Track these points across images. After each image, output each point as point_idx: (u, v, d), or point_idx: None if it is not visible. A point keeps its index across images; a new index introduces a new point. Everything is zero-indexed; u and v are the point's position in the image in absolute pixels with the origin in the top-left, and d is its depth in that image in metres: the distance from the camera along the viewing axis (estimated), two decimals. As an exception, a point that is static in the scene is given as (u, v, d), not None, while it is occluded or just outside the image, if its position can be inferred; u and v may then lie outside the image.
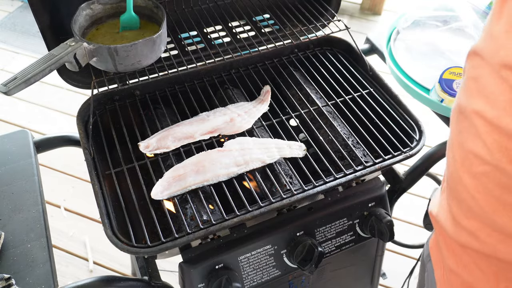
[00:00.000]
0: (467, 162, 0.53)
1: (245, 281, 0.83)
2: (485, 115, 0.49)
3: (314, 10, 1.09)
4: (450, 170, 0.59)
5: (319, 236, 0.87)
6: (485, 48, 0.51)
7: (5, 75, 2.41)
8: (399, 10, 3.08)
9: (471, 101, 0.52)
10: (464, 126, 0.54)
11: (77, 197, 1.90)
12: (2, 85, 0.70)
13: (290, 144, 0.88)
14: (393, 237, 0.86)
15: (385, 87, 0.99)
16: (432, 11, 1.22)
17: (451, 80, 1.01)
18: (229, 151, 0.84)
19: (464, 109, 0.54)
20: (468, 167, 0.53)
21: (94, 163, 0.82)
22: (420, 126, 0.90)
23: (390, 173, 1.07)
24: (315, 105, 0.97)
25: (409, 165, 1.09)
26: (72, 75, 0.95)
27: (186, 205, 0.79)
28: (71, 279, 1.64)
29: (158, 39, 0.84)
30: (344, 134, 0.91)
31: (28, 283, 0.73)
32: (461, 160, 0.54)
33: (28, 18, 2.82)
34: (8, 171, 0.89)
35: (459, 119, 0.55)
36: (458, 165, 0.55)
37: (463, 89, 0.55)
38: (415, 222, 1.87)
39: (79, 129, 0.87)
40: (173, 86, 0.99)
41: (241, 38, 1.04)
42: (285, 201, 0.77)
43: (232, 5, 1.07)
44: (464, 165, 0.54)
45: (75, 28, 0.83)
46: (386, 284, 1.68)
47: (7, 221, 0.81)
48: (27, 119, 2.22)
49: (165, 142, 0.86)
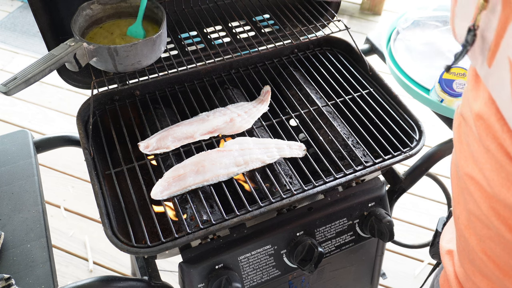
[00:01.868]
0: (471, 224, 0.50)
1: (245, 281, 0.83)
2: (479, 182, 0.46)
3: (314, 10, 1.09)
4: (457, 227, 0.55)
5: (319, 236, 0.87)
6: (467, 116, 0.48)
7: (5, 75, 2.41)
8: (399, 10, 3.08)
9: (464, 164, 0.49)
10: (463, 187, 0.51)
11: (77, 197, 1.90)
12: (2, 85, 0.70)
13: (290, 144, 0.88)
14: (393, 237, 0.85)
15: (385, 87, 0.99)
16: (432, 11, 1.22)
17: (451, 80, 1.01)
18: (229, 151, 0.84)
19: (460, 170, 0.50)
20: (473, 229, 0.50)
21: (94, 163, 0.82)
22: (420, 126, 0.90)
23: (390, 173, 1.08)
24: (315, 105, 0.97)
25: (409, 165, 1.09)
26: (72, 75, 0.95)
27: (186, 205, 0.79)
28: (71, 279, 1.64)
29: (158, 39, 0.84)
30: (344, 134, 0.91)
31: (28, 283, 0.73)
32: (466, 221, 0.51)
33: (28, 18, 2.82)
34: (8, 171, 0.89)
35: (459, 178, 0.52)
36: (463, 226, 0.52)
37: (459, 149, 0.51)
38: (415, 222, 1.87)
39: (79, 129, 0.87)
40: (173, 86, 0.99)
41: (241, 38, 1.04)
42: (285, 201, 0.77)
43: (232, 5, 1.07)
44: (469, 226, 0.51)
45: (75, 28, 0.83)
46: (386, 284, 1.68)
47: (7, 221, 0.81)
48: (27, 119, 2.22)
49: (165, 142, 0.86)
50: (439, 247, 0.69)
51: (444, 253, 0.65)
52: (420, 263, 1.73)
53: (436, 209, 1.90)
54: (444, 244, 0.67)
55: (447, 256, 0.64)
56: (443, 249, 0.66)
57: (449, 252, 0.64)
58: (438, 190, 1.31)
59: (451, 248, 0.65)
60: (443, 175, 2.00)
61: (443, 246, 0.67)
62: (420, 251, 1.75)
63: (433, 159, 1.03)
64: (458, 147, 0.51)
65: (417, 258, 1.75)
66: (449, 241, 0.67)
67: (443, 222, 0.82)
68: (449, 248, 0.65)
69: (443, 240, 0.68)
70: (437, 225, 0.83)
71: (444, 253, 0.65)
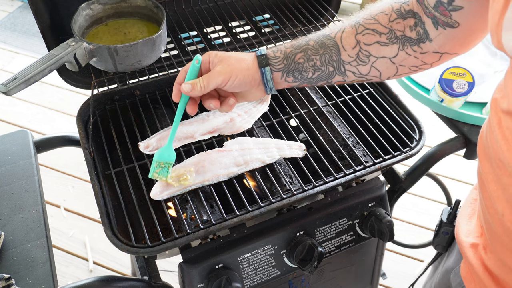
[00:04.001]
0: None
1: (245, 281, 0.83)
2: None
3: (314, 10, 1.09)
4: (498, 223, 0.55)
5: (319, 236, 0.87)
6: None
7: (5, 75, 2.41)
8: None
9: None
10: (507, 183, 0.50)
11: (77, 197, 1.90)
12: (2, 85, 0.70)
13: (290, 144, 0.88)
14: (393, 237, 0.85)
15: (385, 87, 0.99)
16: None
17: (451, 80, 1.01)
18: (229, 151, 0.84)
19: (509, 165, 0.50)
20: None
21: (94, 163, 0.82)
22: (420, 126, 0.90)
23: (390, 173, 1.07)
24: (315, 105, 0.97)
25: (409, 165, 1.09)
26: (72, 75, 0.95)
27: (186, 205, 0.79)
28: (71, 279, 1.64)
29: (158, 39, 0.84)
30: (344, 134, 0.91)
31: (28, 283, 0.73)
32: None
33: (28, 18, 2.83)
34: (8, 171, 0.89)
35: (503, 173, 0.51)
36: (510, 223, 0.51)
37: (506, 146, 0.51)
38: (415, 222, 1.87)
39: (79, 129, 0.86)
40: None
41: (241, 38, 1.04)
42: (285, 201, 0.77)
43: (232, 5, 1.07)
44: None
45: (75, 28, 0.83)
46: (386, 284, 1.68)
47: (7, 221, 0.81)
48: (27, 119, 2.22)
49: (165, 142, 0.86)
50: (458, 241, 0.69)
51: (467, 246, 0.66)
52: (420, 263, 1.73)
53: (436, 209, 1.90)
54: (464, 238, 0.67)
55: (472, 249, 0.65)
56: (466, 243, 0.66)
57: (473, 245, 0.65)
58: (438, 190, 1.31)
59: (475, 241, 0.65)
60: (443, 175, 2.00)
61: (464, 240, 0.67)
62: (420, 251, 1.75)
63: (433, 159, 1.03)
64: (504, 144, 0.51)
65: (417, 258, 1.75)
66: (468, 234, 0.67)
67: (448, 212, 0.83)
68: (473, 242, 0.65)
69: (461, 234, 0.69)
70: (442, 215, 0.83)
71: (467, 246, 0.66)
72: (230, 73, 0.66)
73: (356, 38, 0.67)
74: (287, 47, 0.69)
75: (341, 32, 0.68)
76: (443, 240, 0.82)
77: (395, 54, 0.66)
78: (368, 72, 0.69)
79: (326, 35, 0.69)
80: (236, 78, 0.67)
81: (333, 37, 0.68)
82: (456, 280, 0.71)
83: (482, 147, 0.57)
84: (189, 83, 0.67)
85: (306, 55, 0.68)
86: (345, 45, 0.67)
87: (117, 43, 0.88)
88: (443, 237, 0.82)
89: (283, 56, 0.69)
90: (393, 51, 0.66)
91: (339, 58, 0.68)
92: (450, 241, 0.82)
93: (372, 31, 0.66)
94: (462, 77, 1.01)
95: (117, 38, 0.89)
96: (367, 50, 0.67)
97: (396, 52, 0.66)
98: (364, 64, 0.68)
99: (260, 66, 0.68)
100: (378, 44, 0.66)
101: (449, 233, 0.81)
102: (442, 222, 0.82)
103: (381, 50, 0.66)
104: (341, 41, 0.67)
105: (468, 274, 0.66)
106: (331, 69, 0.69)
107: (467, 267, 0.67)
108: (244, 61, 0.68)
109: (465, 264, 0.67)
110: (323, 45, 0.68)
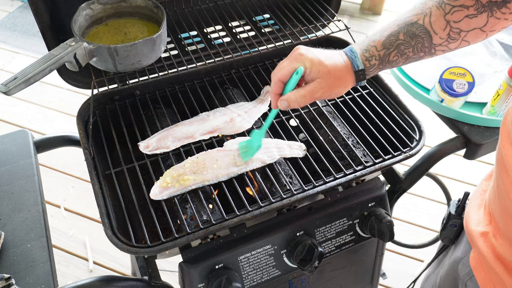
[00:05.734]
0: None
1: (245, 281, 0.83)
2: None
3: (314, 10, 1.09)
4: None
5: (319, 236, 0.87)
6: None
7: (5, 75, 2.41)
8: (399, 10, 3.08)
9: None
10: None
11: (77, 197, 1.90)
12: (2, 85, 0.70)
13: (290, 144, 0.88)
14: (393, 237, 0.86)
15: (385, 87, 0.99)
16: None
17: (451, 80, 1.01)
18: (229, 151, 0.84)
19: None
20: None
21: (94, 163, 0.82)
22: (420, 126, 0.90)
23: (390, 173, 1.07)
24: (315, 105, 0.97)
25: (409, 165, 1.09)
26: (72, 75, 0.95)
27: (186, 205, 0.79)
28: (71, 279, 1.64)
29: (158, 39, 0.84)
30: (344, 134, 0.91)
31: (28, 283, 0.73)
32: None
33: (28, 18, 2.82)
34: (8, 171, 0.89)
35: None
36: None
37: None
38: (415, 222, 1.87)
39: (79, 129, 0.86)
40: (173, 86, 0.99)
41: (241, 38, 1.04)
42: (285, 201, 0.77)
43: (232, 5, 1.07)
44: None
45: (75, 28, 0.83)
46: (386, 284, 1.68)
47: (7, 221, 0.81)
48: (27, 119, 2.22)
49: (165, 142, 0.86)
50: (468, 231, 0.70)
51: (477, 235, 0.66)
52: (420, 263, 1.73)
53: (436, 209, 1.90)
54: (474, 228, 0.68)
55: (482, 238, 0.65)
56: (476, 232, 0.67)
57: (483, 234, 0.65)
58: (438, 190, 1.31)
59: (484, 230, 0.65)
60: (443, 175, 2.00)
61: (474, 229, 0.67)
62: (420, 251, 1.75)
63: (433, 159, 1.03)
64: None
65: (417, 258, 1.75)
66: (478, 224, 0.68)
67: (457, 205, 0.83)
68: (483, 230, 0.66)
69: (472, 224, 0.69)
70: (450, 208, 0.84)
71: (477, 235, 0.66)
72: (329, 91, 0.69)
73: (445, 19, 0.66)
74: (379, 48, 0.69)
75: (429, 17, 0.67)
76: (451, 232, 0.82)
77: (484, 23, 0.66)
78: (458, 45, 0.69)
79: (413, 23, 0.68)
80: (331, 93, 0.69)
81: (422, 24, 0.68)
82: (465, 270, 0.72)
83: (506, 133, 0.57)
84: (285, 100, 0.70)
85: (399, 51, 0.69)
86: (435, 29, 0.67)
87: (117, 43, 0.87)
88: (451, 229, 0.82)
89: (379, 62, 0.69)
90: (482, 20, 0.66)
91: (430, 43, 0.68)
92: (457, 233, 0.82)
93: (459, 7, 0.66)
94: (462, 77, 1.01)
95: (117, 38, 0.89)
96: (457, 27, 0.67)
97: (485, 20, 0.66)
98: (455, 40, 0.68)
99: (357, 81, 0.70)
100: (467, 18, 0.66)
101: (457, 225, 0.81)
102: (451, 214, 0.83)
103: (471, 23, 0.66)
104: (431, 26, 0.67)
105: (478, 263, 0.67)
106: (421, 54, 0.70)
107: (477, 257, 0.67)
108: (343, 79, 0.69)
109: (475, 253, 0.68)
110: (414, 35, 0.68)
